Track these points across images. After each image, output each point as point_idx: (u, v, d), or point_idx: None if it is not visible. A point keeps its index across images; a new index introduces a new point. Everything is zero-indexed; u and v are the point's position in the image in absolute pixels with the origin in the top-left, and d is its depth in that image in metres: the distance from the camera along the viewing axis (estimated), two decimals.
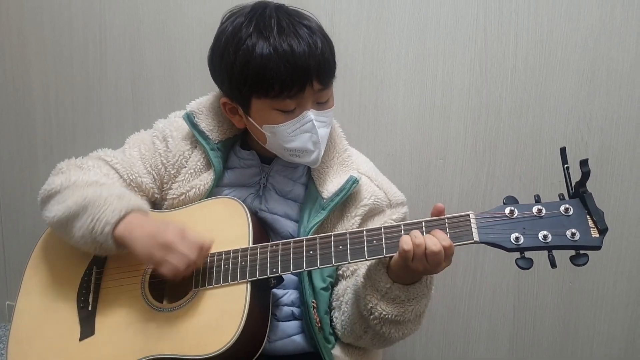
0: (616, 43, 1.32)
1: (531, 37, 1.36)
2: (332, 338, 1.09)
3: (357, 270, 1.08)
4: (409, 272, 0.91)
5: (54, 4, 1.71)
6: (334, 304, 1.09)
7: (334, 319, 1.09)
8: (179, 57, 1.64)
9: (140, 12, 1.64)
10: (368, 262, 1.00)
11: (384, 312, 0.95)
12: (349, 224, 1.08)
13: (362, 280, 0.99)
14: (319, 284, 1.07)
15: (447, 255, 0.88)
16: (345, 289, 1.07)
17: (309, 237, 0.97)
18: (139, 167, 1.13)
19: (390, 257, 0.92)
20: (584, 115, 1.37)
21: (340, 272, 1.11)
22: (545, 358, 1.51)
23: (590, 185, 0.87)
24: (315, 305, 1.05)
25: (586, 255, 0.84)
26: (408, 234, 0.89)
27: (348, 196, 1.07)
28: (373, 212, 1.10)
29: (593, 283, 1.46)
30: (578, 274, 1.45)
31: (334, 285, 1.10)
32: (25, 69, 1.79)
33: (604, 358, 1.48)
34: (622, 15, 1.31)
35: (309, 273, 1.06)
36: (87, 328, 1.03)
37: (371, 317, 0.97)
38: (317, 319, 1.05)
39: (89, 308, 1.05)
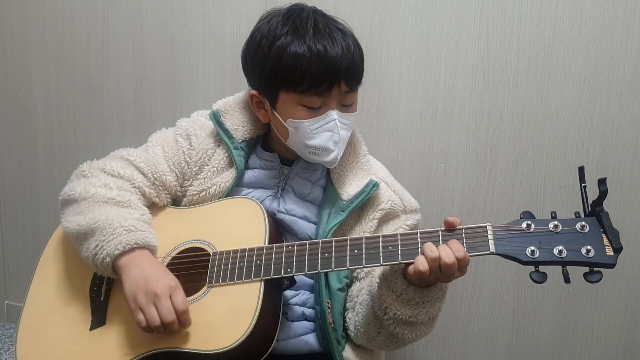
0: (618, 50, 1.33)
1: (533, 43, 1.37)
2: (343, 340, 1.10)
3: (372, 271, 1.09)
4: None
5: (56, 4, 1.71)
6: (347, 304, 1.10)
7: (347, 320, 1.10)
8: (181, 58, 1.64)
9: (143, 13, 1.64)
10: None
11: (398, 313, 0.96)
12: (367, 226, 1.10)
13: (377, 280, 1.00)
14: (335, 284, 1.08)
15: (461, 266, 0.89)
16: (360, 290, 1.09)
17: (324, 239, 0.98)
18: (163, 166, 1.14)
19: (407, 265, 0.93)
20: (585, 121, 1.38)
21: (354, 274, 1.12)
22: None
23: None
24: (329, 305, 1.06)
25: (600, 272, 0.85)
26: (425, 243, 0.90)
27: (367, 200, 1.09)
28: (389, 216, 1.13)
29: (592, 288, 1.46)
30: (577, 279, 1.45)
31: (349, 286, 1.12)
32: (26, 68, 1.79)
33: None
34: (623, 22, 1.32)
35: (326, 274, 1.07)
36: (98, 318, 1.05)
37: (385, 317, 0.98)
38: (331, 320, 1.06)
39: (102, 298, 1.06)
